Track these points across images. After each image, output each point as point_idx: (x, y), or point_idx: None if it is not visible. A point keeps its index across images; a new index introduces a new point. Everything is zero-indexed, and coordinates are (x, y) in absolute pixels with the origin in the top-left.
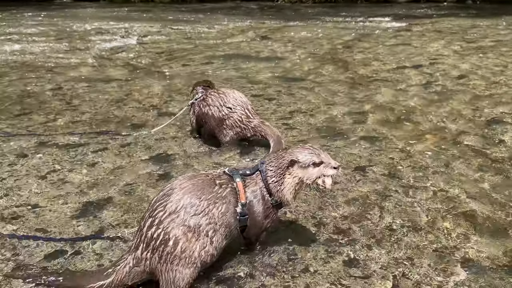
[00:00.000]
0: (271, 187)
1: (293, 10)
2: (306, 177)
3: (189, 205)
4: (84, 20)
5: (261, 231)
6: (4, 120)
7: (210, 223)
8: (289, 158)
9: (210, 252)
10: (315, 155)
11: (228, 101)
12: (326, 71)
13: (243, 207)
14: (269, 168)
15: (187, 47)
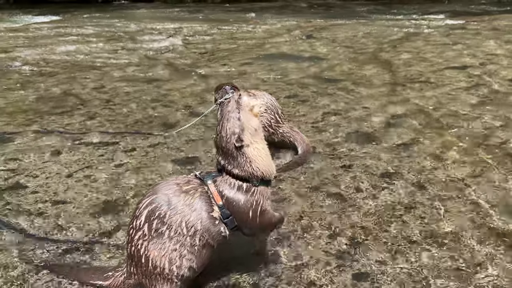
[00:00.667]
0: (242, 173)
1: (343, 7)
2: (252, 128)
3: (154, 219)
4: (136, 20)
5: (258, 225)
6: (45, 118)
7: (176, 237)
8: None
9: (185, 266)
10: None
11: (259, 101)
12: (367, 71)
13: (221, 209)
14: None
15: (230, 47)
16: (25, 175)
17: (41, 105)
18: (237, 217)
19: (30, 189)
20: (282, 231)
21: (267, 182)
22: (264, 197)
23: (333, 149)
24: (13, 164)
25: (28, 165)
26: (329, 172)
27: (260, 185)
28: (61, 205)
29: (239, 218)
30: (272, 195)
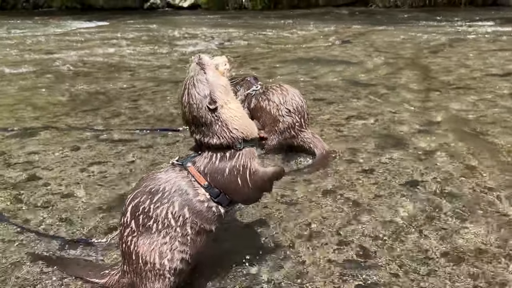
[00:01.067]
0: (222, 140)
1: (385, 15)
2: (223, 87)
3: (139, 215)
4: (177, 26)
5: (252, 188)
6: (72, 115)
7: (164, 229)
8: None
9: (177, 258)
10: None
11: (288, 101)
12: (402, 76)
13: (208, 189)
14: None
15: (263, 51)
16: (42, 168)
17: (71, 103)
18: (228, 190)
19: (43, 181)
20: (289, 235)
21: (251, 142)
22: (251, 158)
23: (354, 153)
24: (33, 157)
25: (47, 158)
26: (347, 177)
27: (244, 147)
28: (68, 198)
29: (230, 190)
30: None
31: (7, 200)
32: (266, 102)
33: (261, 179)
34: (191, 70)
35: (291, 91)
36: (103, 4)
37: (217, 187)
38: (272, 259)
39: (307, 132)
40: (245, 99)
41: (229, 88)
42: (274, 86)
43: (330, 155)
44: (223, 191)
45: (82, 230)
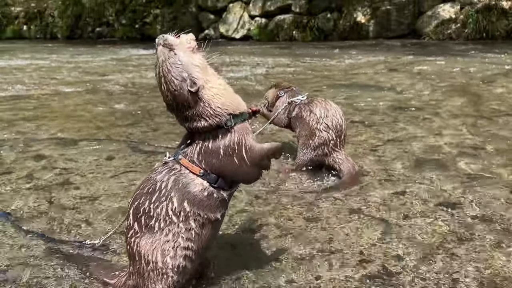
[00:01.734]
0: (210, 121)
1: (439, 46)
2: (199, 64)
3: (141, 216)
4: (226, 54)
5: (250, 165)
6: (112, 128)
7: (166, 226)
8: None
9: (180, 255)
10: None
11: (329, 117)
12: (449, 103)
13: (204, 176)
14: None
15: (306, 77)
16: (75, 174)
17: (114, 117)
18: (226, 172)
19: (74, 185)
20: (308, 250)
21: (241, 117)
22: (245, 134)
23: (388, 174)
24: (69, 164)
25: (82, 165)
26: (378, 197)
27: (235, 122)
28: (94, 202)
29: (229, 172)
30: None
31: (38, 200)
32: (308, 113)
33: (259, 154)
34: (160, 55)
35: (334, 107)
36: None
37: (215, 171)
38: (286, 272)
39: (341, 153)
40: (288, 106)
41: (205, 64)
42: (319, 99)
43: (359, 176)
44: (221, 174)
45: (96, 232)
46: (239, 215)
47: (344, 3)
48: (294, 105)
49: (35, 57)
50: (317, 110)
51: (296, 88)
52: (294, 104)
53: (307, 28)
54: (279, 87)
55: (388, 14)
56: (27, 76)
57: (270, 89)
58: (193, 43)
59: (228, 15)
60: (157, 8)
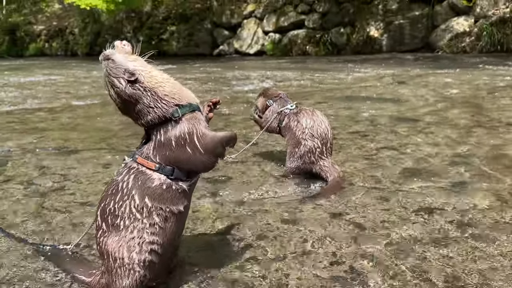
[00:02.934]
0: (158, 112)
1: (451, 59)
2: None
3: (108, 216)
4: (238, 69)
5: (204, 152)
6: (115, 139)
7: (131, 223)
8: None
9: (145, 250)
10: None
11: (314, 127)
12: (450, 114)
13: (159, 169)
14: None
15: (312, 90)
16: (72, 181)
17: (116, 129)
18: (182, 163)
19: (70, 191)
20: (281, 251)
21: (189, 107)
22: (195, 123)
23: (375, 181)
24: (67, 171)
25: (79, 173)
26: (361, 202)
27: (183, 113)
28: (86, 206)
29: (184, 162)
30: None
31: (30, 204)
32: (295, 123)
33: (211, 142)
34: (103, 67)
35: (321, 117)
36: (176, 50)
37: (170, 163)
38: (257, 269)
39: (327, 161)
40: (277, 115)
41: (143, 61)
42: (307, 110)
43: (344, 182)
44: (177, 165)
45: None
46: (220, 220)
47: (357, 18)
48: (283, 115)
49: (53, 73)
50: (303, 120)
51: (283, 94)
52: (283, 114)
53: (320, 43)
54: (267, 96)
55: (401, 28)
56: (41, 91)
57: (259, 97)
58: (127, 48)
59: (243, 31)
60: (173, 25)
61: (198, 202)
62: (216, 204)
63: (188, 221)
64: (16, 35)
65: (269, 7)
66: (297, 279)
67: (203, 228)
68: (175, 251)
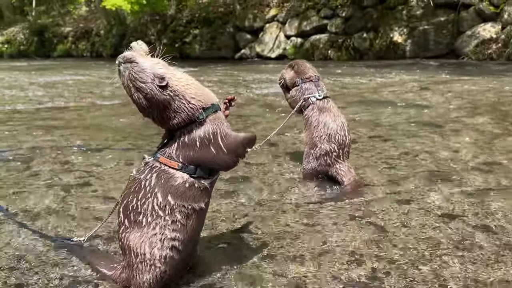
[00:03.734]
0: (183, 115)
1: (477, 66)
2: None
3: (130, 213)
4: (259, 72)
5: (227, 152)
6: (137, 138)
7: (154, 220)
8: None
9: (166, 246)
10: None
11: (332, 130)
12: (473, 120)
13: (183, 169)
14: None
15: (333, 94)
16: (96, 177)
17: (139, 128)
18: (205, 162)
19: (93, 187)
20: (299, 251)
21: (212, 108)
22: (218, 123)
23: (395, 185)
24: (92, 168)
25: (103, 170)
26: (380, 206)
27: (207, 114)
28: (109, 202)
29: (208, 161)
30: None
31: (54, 199)
32: (316, 121)
33: (234, 141)
34: (124, 70)
35: (341, 121)
36: (199, 54)
37: (193, 163)
38: (274, 268)
39: (344, 165)
40: (303, 101)
41: (165, 63)
42: (332, 110)
43: (361, 187)
44: (200, 164)
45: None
46: (240, 219)
47: (380, 23)
48: (308, 103)
49: (78, 73)
50: (322, 122)
51: (315, 77)
52: (309, 101)
53: (342, 48)
54: (298, 73)
55: (425, 34)
56: (67, 90)
57: (288, 68)
58: (144, 46)
59: (265, 35)
60: (197, 28)
61: (219, 201)
62: (236, 204)
63: (208, 219)
64: (44, 36)
65: (292, 12)
66: (314, 278)
67: (223, 227)
68: (194, 247)
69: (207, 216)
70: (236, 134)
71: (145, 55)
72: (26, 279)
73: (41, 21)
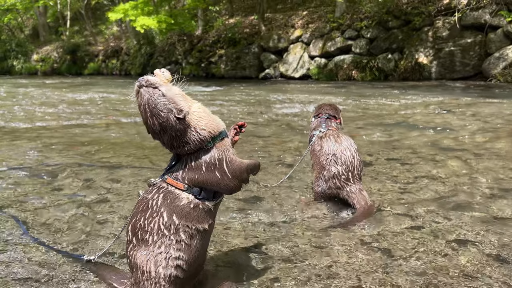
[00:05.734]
0: (193, 145)
1: (505, 89)
2: (179, 94)
3: (138, 231)
4: (282, 92)
5: (231, 177)
6: (154, 156)
7: (159, 239)
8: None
9: (171, 265)
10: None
11: (338, 153)
12: (497, 145)
13: (188, 191)
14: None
15: (354, 115)
16: (115, 194)
17: (159, 146)
18: (210, 185)
19: (110, 203)
20: (306, 273)
21: (220, 136)
22: (224, 150)
23: (409, 210)
24: (111, 184)
25: (121, 186)
26: (391, 230)
27: (214, 142)
28: (126, 219)
29: (212, 185)
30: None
31: (74, 214)
32: (319, 147)
33: (239, 167)
34: (145, 94)
35: (346, 143)
36: (224, 73)
37: (198, 185)
38: None
39: (354, 187)
40: (310, 134)
41: (183, 93)
42: (331, 134)
43: (373, 210)
44: (205, 187)
45: (118, 244)
46: (250, 239)
47: (405, 44)
48: (312, 136)
49: (107, 91)
50: (326, 146)
51: (323, 116)
52: (312, 135)
53: (366, 68)
54: (315, 111)
55: (452, 56)
56: (95, 107)
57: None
58: (167, 74)
59: (289, 55)
60: (222, 48)
61: (230, 220)
62: (247, 224)
63: (219, 236)
64: (77, 55)
65: (316, 33)
66: None
67: (233, 245)
68: (199, 267)
69: (218, 233)
70: (241, 161)
71: (167, 83)
72: None
73: (74, 40)
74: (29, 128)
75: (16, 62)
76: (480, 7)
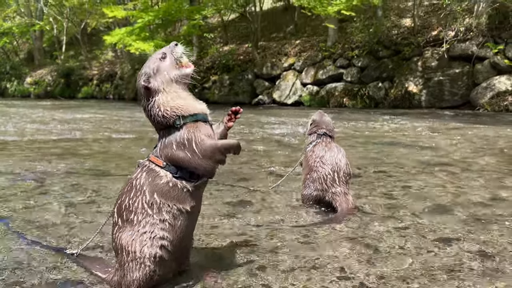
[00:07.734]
0: (161, 118)
1: (492, 117)
2: (167, 76)
3: (123, 212)
4: (273, 116)
5: (203, 157)
6: None
7: (143, 218)
8: (139, 87)
9: (156, 245)
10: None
11: (327, 156)
12: (483, 161)
13: (166, 168)
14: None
15: (346, 136)
16: (103, 196)
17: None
18: (183, 164)
19: (97, 204)
20: (290, 264)
21: (192, 117)
22: (195, 131)
23: (394, 213)
24: (98, 188)
25: (110, 190)
26: (377, 229)
27: (185, 122)
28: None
29: (184, 163)
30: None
31: (62, 214)
32: (311, 153)
33: (210, 148)
34: (158, 53)
35: (335, 149)
36: (217, 99)
37: (173, 163)
38: (264, 278)
39: (340, 189)
40: (305, 148)
41: (180, 82)
42: (323, 142)
43: (355, 210)
44: (178, 165)
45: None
46: (237, 236)
47: (395, 73)
48: (305, 150)
49: (98, 112)
50: (317, 150)
51: (317, 132)
52: (305, 149)
53: (357, 96)
54: (311, 125)
55: (441, 85)
56: (87, 125)
57: (312, 119)
58: (183, 59)
59: (282, 82)
60: (216, 74)
61: (218, 220)
62: (234, 223)
63: (205, 235)
64: (71, 79)
65: (309, 61)
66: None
67: (219, 242)
68: (185, 253)
69: (204, 232)
70: (214, 142)
71: (181, 62)
72: (25, 280)
73: (68, 64)
74: (19, 141)
75: (9, 84)
76: (467, 39)
